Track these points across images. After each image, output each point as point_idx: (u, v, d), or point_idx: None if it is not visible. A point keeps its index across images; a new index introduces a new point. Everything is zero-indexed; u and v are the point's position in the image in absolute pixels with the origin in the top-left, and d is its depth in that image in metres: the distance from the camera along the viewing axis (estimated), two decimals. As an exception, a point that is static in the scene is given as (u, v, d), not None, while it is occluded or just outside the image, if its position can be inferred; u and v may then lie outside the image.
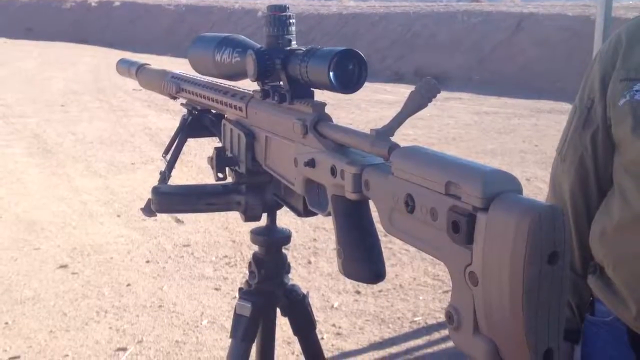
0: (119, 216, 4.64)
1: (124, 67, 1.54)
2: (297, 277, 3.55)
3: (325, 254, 3.88)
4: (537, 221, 0.53)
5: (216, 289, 3.44)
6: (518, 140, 7.24)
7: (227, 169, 1.17)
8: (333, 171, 0.82)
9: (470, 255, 0.58)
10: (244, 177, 1.12)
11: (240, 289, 1.30)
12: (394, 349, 2.87)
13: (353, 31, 18.45)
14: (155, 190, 1.18)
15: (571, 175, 1.29)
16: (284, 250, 1.29)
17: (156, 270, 3.71)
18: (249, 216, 1.19)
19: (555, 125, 8.01)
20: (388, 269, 3.62)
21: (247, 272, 1.33)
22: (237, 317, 1.23)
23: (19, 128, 7.70)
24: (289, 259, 1.50)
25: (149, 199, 1.22)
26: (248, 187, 1.16)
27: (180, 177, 5.60)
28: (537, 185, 5.29)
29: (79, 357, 2.79)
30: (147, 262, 3.82)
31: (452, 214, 0.60)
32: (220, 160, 1.13)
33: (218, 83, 1.18)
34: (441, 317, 3.09)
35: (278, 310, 1.29)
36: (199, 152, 6.58)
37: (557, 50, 12.84)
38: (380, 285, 3.39)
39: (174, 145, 1.28)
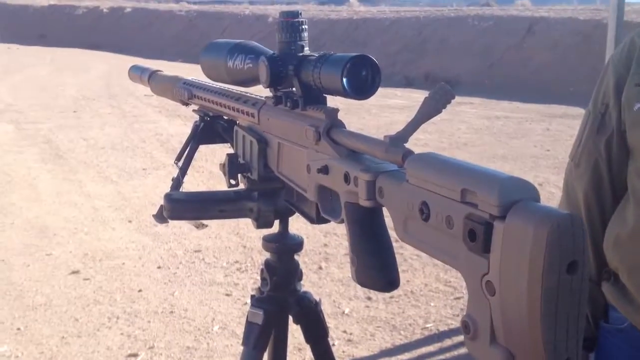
0: (130, 222, 4.66)
1: (136, 73, 1.54)
2: (308, 283, 3.54)
3: (336, 259, 3.87)
4: (556, 230, 0.52)
5: (227, 295, 3.44)
6: (530, 145, 7.21)
7: (239, 175, 1.16)
8: (346, 178, 0.81)
9: (487, 264, 0.57)
10: (256, 183, 1.12)
11: (252, 296, 1.29)
12: (405, 356, 2.85)
13: (363, 36, 18.47)
14: (167, 197, 1.18)
15: (585, 181, 1.27)
16: (295, 257, 1.28)
17: (167, 276, 3.71)
18: (261, 223, 1.18)
19: (567, 129, 7.97)
20: (399, 275, 3.62)
21: (258, 278, 1.33)
22: (249, 325, 1.22)
23: (32, 134, 7.75)
24: (300, 264, 1.49)
25: (161, 206, 1.22)
26: (260, 193, 1.15)
27: (192, 182, 5.62)
28: (549, 191, 5.26)
29: (90, 363, 2.79)
30: (159, 267, 3.82)
31: (468, 222, 0.59)
32: (232, 167, 1.13)
33: (230, 89, 1.17)
34: (453, 324, 3.07)
35: (290, 317, 1.28)
36: (211, 157, 6.59)
37: (568, 54, 12.78)
38: (393, 291, 3.38)
39: (186, 152, 1.27)
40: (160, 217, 1.21)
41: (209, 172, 5.98)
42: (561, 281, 0.52)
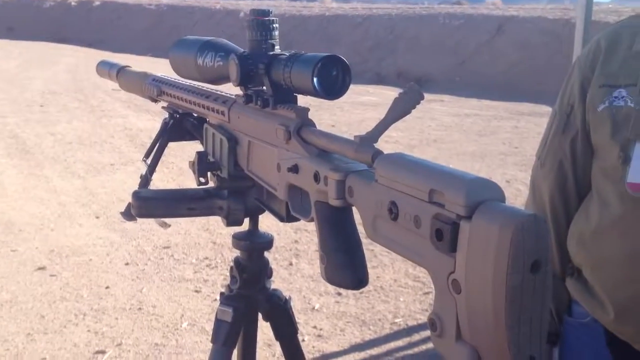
0: (98, 218, 4.60)
1: (105, 69, 1.52)
2: (278, 279, 3.54)
3: (306, 255, 3.87)
4: (520, 230, 0.52)
5: (196, 291, 3.42)
6: (498, 142, 7.29)
7: (209, 173, 1.15)
8: (316, 177, 0.81)
9: (454, 263, 0.58)
10: (226, 181, 1.11)
11: (221, 294, 1.29)
12: (374, 351, 2.87)
13: (335, 32, 18.48)
14: (135, 194, 1.17)
15: (550, 180, 1.29)
16: (265, 254, 1.28)
17: (135, 272, 3.68)
18: (231, 221, 1.18)
19: (535, 127, 8.08)
20: (369, 270, 3.63)
21: (227, 274, 1.33)
22: (219, 323, 1.22)
23: (-3, 128, 7.61)
24: (270, 261, 1.49)
25: (129, 203, 1.21)
26: (230, 191, 1.15)
27: (161, 178, 5.57)
28: (517, 188, 5.33)
29: (56, 361, 2.76)
30: (127, 264, 3.79)
31: (435, 222, 0.59)
32: (202, 165, 1.12)
33: (200, 87, 1.17)
34: (422, 319, 3.10)
35: (260, 314, 1.28)
36: (180, 153, 6.54)
37: (537, 53, 12.95)
38: (362, 287, 3.39)
39: (155, 149, 1.26)
40: (128, 215, 1.20)
41: (178, 169, 5.93)
42: (525, 280, 0.53)
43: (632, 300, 1.15)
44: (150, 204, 1.16)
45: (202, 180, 1.13)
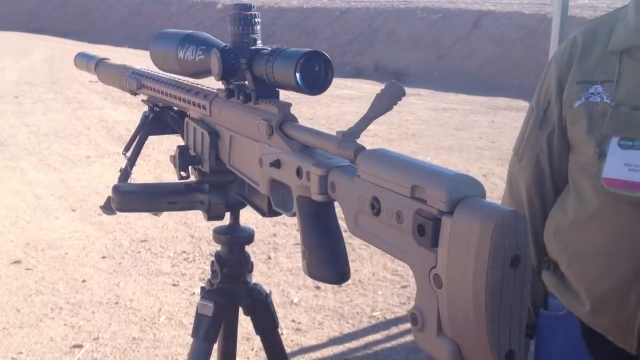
0: (74, 211, 4.56)
1: (83, 61, 1.51)
2: (257, 272, 3.53)
3: (285, 249, 3.87)
4: (500, 225, 0.53)
5: (174, 285, 3.41)
6: (475, 136, 7.34)
7: (190, 167, 1.15)
8: (299, 172, 0.82)
9: (435, 258, 0.59)
10: (207, 176, 1.11)
11: (202, 288, 1.29)
12: (353, 344, 2.88)
13: (314, 25, 18.45)
14: (116, 189, 1.16)
15: (527, 175, 1.31)
16: (246, 249, 1.28)
17: (112, 266, 3.65)
18: (212, 215, 1.18)
19: (511, 122, 8.15)
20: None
21: (206, 268, 1.32)
22: (199, 317, 1.22)
23: (-30, 119, 7.50)
24: (250, 255, 1.48)
25: (109, 197, 1.20)
26: (211, 186, 1.15)
27: (138, 171, 5.51)
28: (493, 182, 5.37)
29: (33, 355, 2.73)
30: (103, 257, 3.76)
31: (417, 217, 0.60)
32: (183, 159, 1.11)
33: (181, 80, 1.16)
34: (400, 312, 3.12)
35: (240, 309, 1.28)
36: (157, 146, 6.50)
37: (513, 47, 13.05)
38: (340, 280, 3.40)
39: (135, 142, 1.25)
40: (108, 208, 1.19)
41: (155, 161, 5.89)
42: (505, 275, 0.54)
43: (608, 293, 1.17)
44: (131, 198, 1.15)
45: (183, 174, 1.12)
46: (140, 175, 5.40)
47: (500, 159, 6.09)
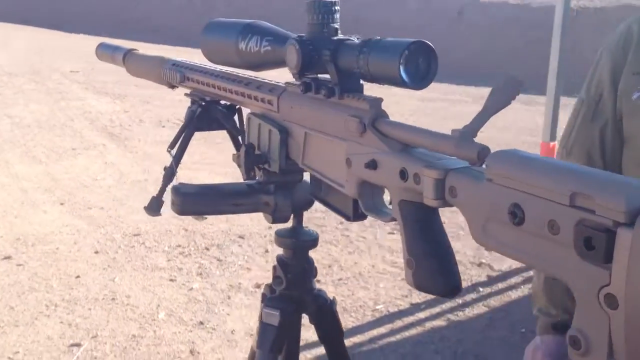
0: (62, 204, 4.45)
1: (106, 52, 1.42)
2: (255, 266, 3.48)
3: (281, 242, 3.80)
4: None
5: (171, 280, 3.34)
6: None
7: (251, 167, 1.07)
8: (403, 174, 0.75)
9: (609, 275, 0.53)
10: (275, 176, 1.03)
11: (263, 295, 1.22)
12: (357, 338, 2.84)
13: (295, 13, 18.29)
14: (177, 190, 1.07)
15: None
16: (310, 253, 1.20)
17: (106, 261, 3.57)
18: (278, 217, 1.10)
19: (500, 113, 8.13)
20: (345, 256, 3.58)
21: (202, 262, 1.25)
22: (265, 327, 1.14)
23: (-50, 111, 7.31)
24: (245, 247, 1.42)
25: (153, 197, 1.13)
26: (276, 186, 1.07)
27: (124, 163, 5.43)
28: (486, 172, 5.35)
29: (30, 354, 2.65)
30: (96, 252, 3.67)
31: (582, 229, 0.54)
32: (249, 159, 1.02)
33: (236, 73, 1.08)
34: (402, 305, 3.08)
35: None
36: (143, 137, 6.40)
37: (498, 37, 13.07)
38: (341, 274, 3.36)
39: (181, 139, 1.17)
40: (153, 209, 1.12)
41: (143, 153, 5.79)
42: None
43: None
44: (195, 200, 1.07)
45: (249, 174, 1.03)
46: (127, 167, 5.31)
47: (493, 150, 6.06)
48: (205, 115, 1.17)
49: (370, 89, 0.92)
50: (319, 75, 0.91)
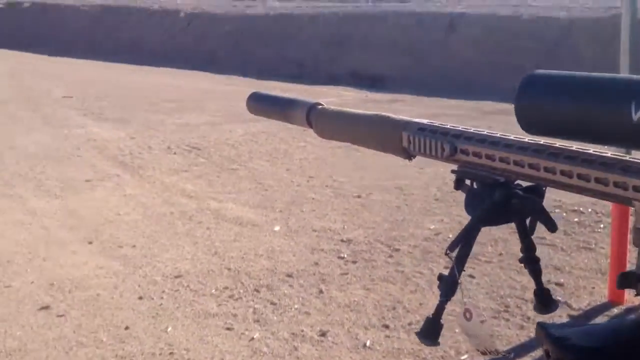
0: (90, 243, 4.21)
1: (265, 106, 1.17)
2: (312, 309, 3.27)
3: (334, 280, 3.60)
4: None
5: (228, 329, 3.11)
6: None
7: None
8: None
9: None
10: None
11: None
12: (443, 390, 2.64)
13: (282, 32, 18.16)
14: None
15: None
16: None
17: (153, 308, 3.33)
18: None
19: (509, 127, 8.00)
20: (408, 295, 3.38)
21: (256, 307, 0.94)
22: None
23: (-51, 143, 7.02)
24: (295, 287, 1.12)
25: (428, 320, 0.88)
26: None
27: (144, 195, 5.20)
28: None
29: None
30: (140, 298, 3.43)
31: None
32: None
33: (551, 144, 0.81)
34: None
35: None
36: (157, 165, 6.17)
37: (490, 49, 13.03)
38: (409, 317, 3.16)
39: (464, 238, 0.89)
40: (429, 337, 0.88)
41: (161, 183, 5.57)
42: None
43: None
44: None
45: None
46: (149, 200, 5.08)
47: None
48: (500, 204, 0.86)
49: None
50: None
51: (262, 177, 5.77)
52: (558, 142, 0.78)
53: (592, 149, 0.74)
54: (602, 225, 4.21)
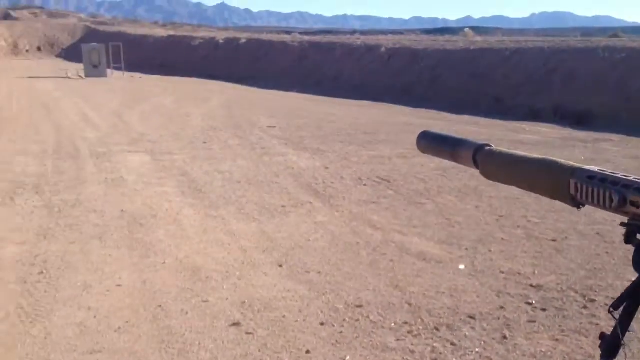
0: (280, 266, 4.42)
1: (433, 144, 1.17)
2: (494, 355, 3.14)
3: (520, 327, 3.43)
4: None
5: (405, 364, 3.09)
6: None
7: None
8: None
9: None
10: None
11: None
12: None
13: (482, 67, 17.86)
14: None
15: None
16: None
17: (333, 335, 3.40)
18: None
19: None
20: (565, 338, 3.11)
21: (435, 346, 0.91)
22: None
23: (167, 165, 7.78)
24: (477, 330, 1.06)
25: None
26: None
27: (333, 223, 5.35)
28: None
29: None
30: (322, 324, 3.53)
31: None
32: None
33: None
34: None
35: None
36: (347, 195, 6.33)
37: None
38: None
39: (632, 294, 0.86)
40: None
41: (349, 212, 5.69)
42: None
43: None
44: None
45: None
46: (337, 228, 5.22)
47: None
48: None
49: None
50: None
51: (450, 213, 5.69)
52: None
53: None
54: None
